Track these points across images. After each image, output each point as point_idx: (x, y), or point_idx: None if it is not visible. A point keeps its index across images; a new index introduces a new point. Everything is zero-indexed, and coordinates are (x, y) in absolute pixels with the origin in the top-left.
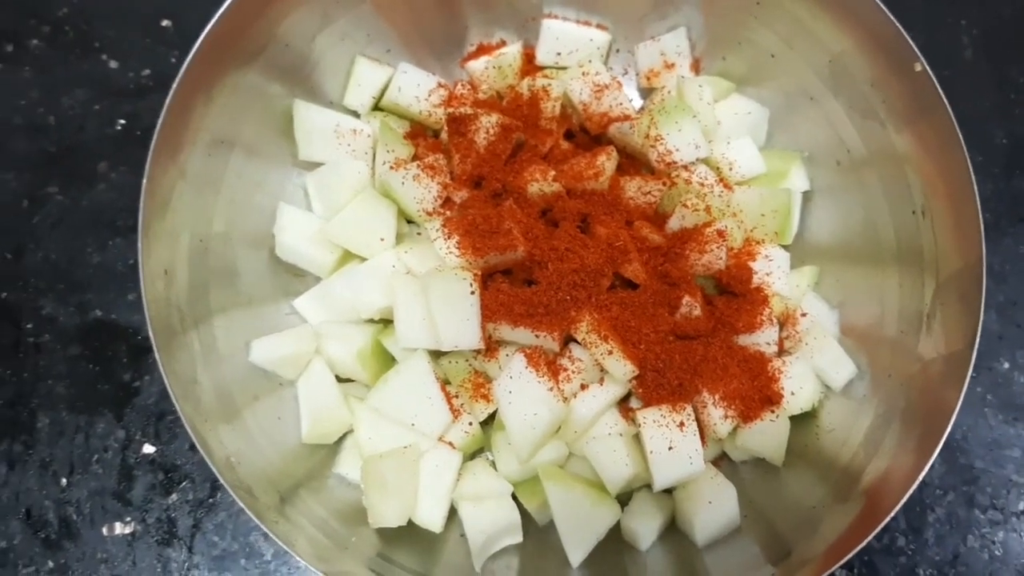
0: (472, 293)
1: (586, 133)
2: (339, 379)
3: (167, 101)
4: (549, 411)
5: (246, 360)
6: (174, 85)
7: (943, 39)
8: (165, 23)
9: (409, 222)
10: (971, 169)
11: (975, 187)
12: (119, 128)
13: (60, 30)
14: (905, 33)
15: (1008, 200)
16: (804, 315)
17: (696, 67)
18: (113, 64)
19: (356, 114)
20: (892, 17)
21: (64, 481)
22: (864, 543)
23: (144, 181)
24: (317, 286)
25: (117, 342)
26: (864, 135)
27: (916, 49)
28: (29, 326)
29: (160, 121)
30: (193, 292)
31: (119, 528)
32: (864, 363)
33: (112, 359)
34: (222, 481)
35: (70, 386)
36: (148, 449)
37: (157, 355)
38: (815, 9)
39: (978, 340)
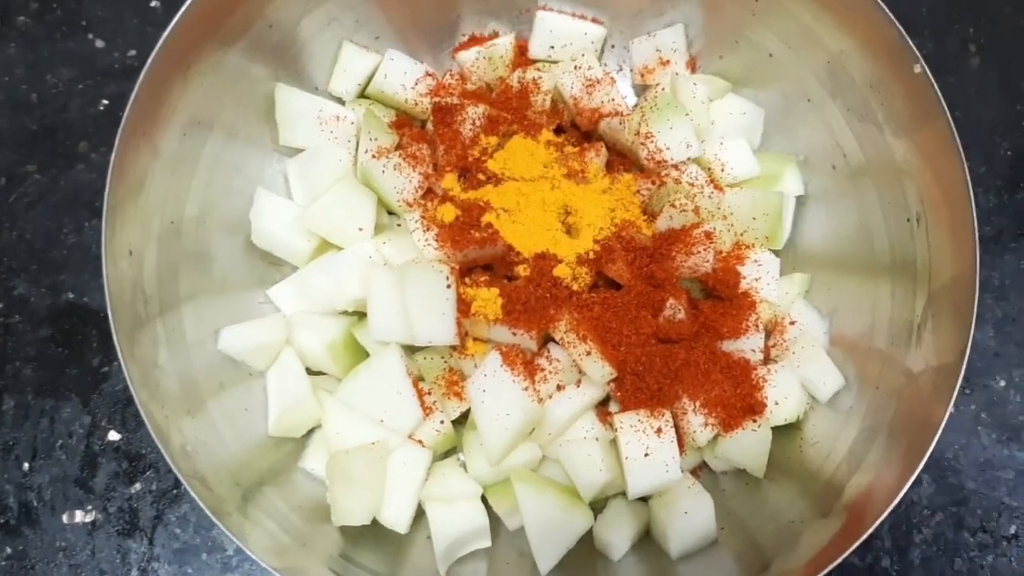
0: (449, 287)
1: (577, 128)
2: (310, 371)
3: (140, 78)
4: (523, 412)
5: (214, 348)
6: (148, 61)
7: (949, 48)
8: (154, 3)
9: (390, 213)
10: (968, 176)
11: (971, 194)
12: (102, 108)
13: (48, 7)
14: (906, 34)
15: (1011, 214)
16: (793, 323)
17: (692, 65)
18: (99, 43)
19: (341, 101)
20: (893, 18)
21: (26, 466)
22: (843, 558)
23: (112, 158)
24: (293, 275)
25: (88, 326)
26: (861, 140)
27: (916, 51)
28: (0, 306)
29: (133, 96)
30: (161, 275)
31: (80, 516)
32: (852, 374)
33: (82, 343)
34: (174, 469)
35: (37, 369)
36: (113, 436)
37: (115, 337)
38: (816, 9)
39: (968, 354)
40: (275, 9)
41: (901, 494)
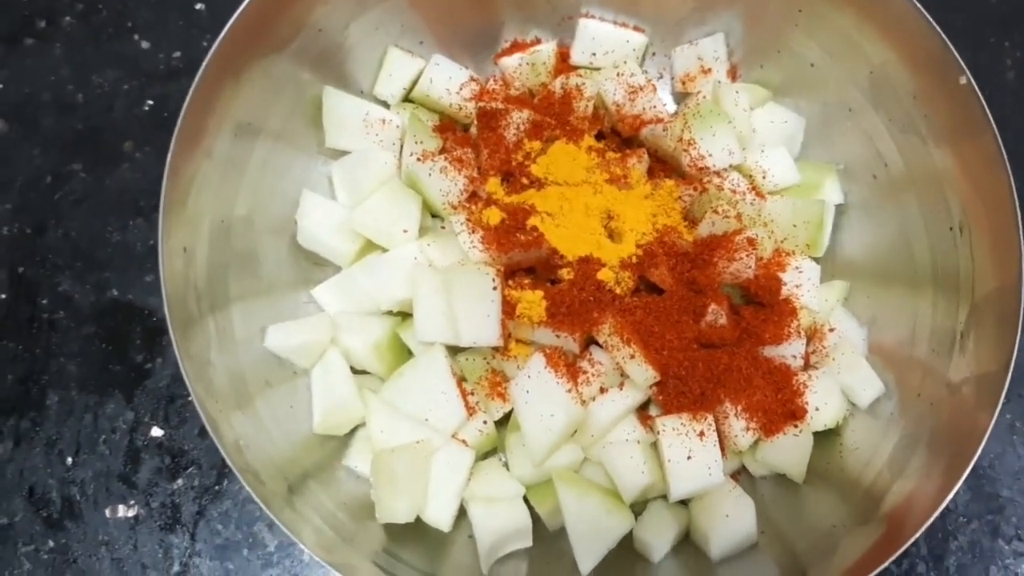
0: (494, 289)
1: (617, 135)
2: (354, 370)
3: (194, 82)
4: (566, 413)
5: (261, 346)
6: (202, 67)
7: (986, 60)
8: (199, 6)
9: (433, 215)
10: (1014, 188)
11: (1017, 206)
12: (147, 109)
13: (94, 8)
14: (950, 45)
15: None
16: (832, 330)
17: (733, 74)
18: (145, 45)
19: (386, 104)
20: (938, 29)
21: (70, 460)
22: (882, 567)
23: (168, 159)
24: (337, 275)
25: (132, 323)
26: (903, 150)
27: (962, 62)
28: (44, 302)
29: (187, 102)
30: (212, 274)
31: (122, 511)
32: (892, 382)
33: (126, 340)
34: (229, 463)
35: (81, 365)
36: (156, 432)
37: (172, 334)
38: (859, 20)
39: (1013, 365)
40: (323, 15)
41: (943, 505)
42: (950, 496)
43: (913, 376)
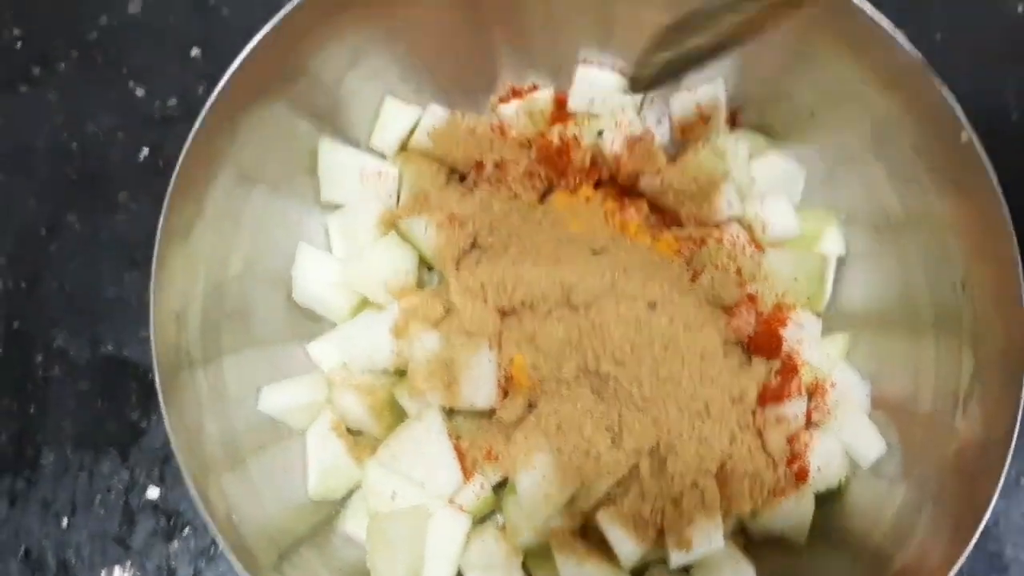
0: (490, 350)
1: (615, 183)
2: (350, 431)
3: (189, 137)
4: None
5: (255, 407)
6: (198, 121)
7: (989, 100)
8: (195, 52)
9: (430, 269)
10: (1016, 248)
11: (1020, 266)
12: (142, 158)
13: (88, 54)
14: (954, 101)
15: None
16: (833, 385)
17: (732, 120)
18: (140, 91)
19: (383, 155)
20: (941, 83)
21: (65, 521)
22: None
23: (160, 223)
24: (332, 331)
25: (127, 379)
26: (905, 202)
27: (964, 118)
28: (39, 358)
29: (181, 158)
30: (205, 336)
31: (118, 573)
32: (895, 440)
33: (121, 397)
34: (220, 543)
35: (77, 423)
36: (152, 493)
37: (163, 408)
38: (862, 70)
39: (1017, 430)
40: (320, 64)
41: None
42: (957, 566)
43: (916, 434)
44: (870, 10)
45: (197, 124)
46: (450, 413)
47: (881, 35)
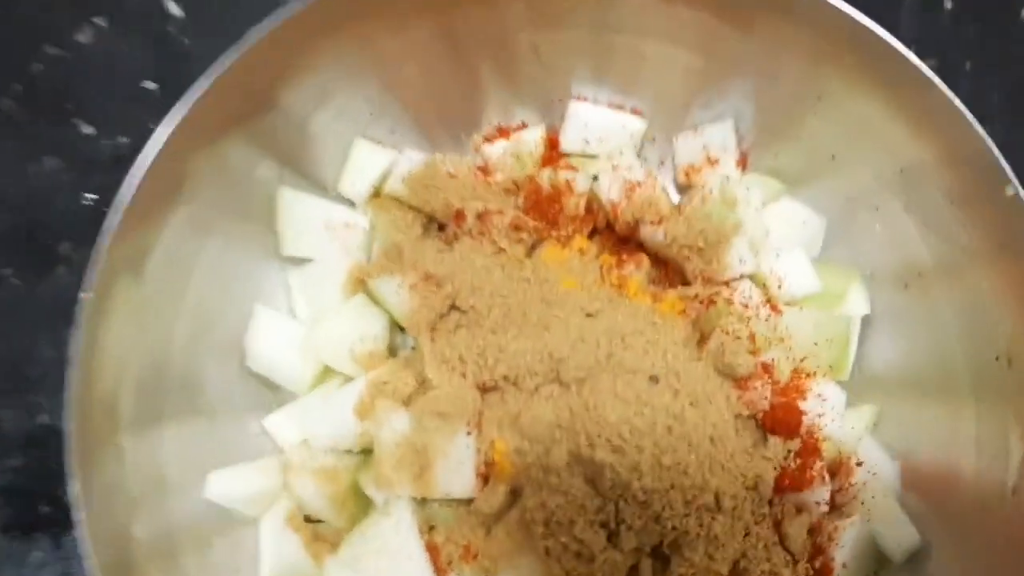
0: (468, 434)
1: (612, 234)
2: (309, 519)
3: (133, 180)
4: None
5: (199, 494)
6: (145, 159)
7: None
8: (151, 86)
9: (403, 330)
10: None
11: None
12: (86, 204)
13: (32, 90)
14: (996, 151)
15: None
16: (860, 464)
17: (743, 163)
18: (87, 129)
19: (351, 203)
20: (980, 127)
21: None
22: None
23: (87, 275)
24: (292, 404)
25: (63, 454)
26: (940, 260)
27: (1008, 169)
28: None
29: (121, 203)
30: (140, 405)
31: None
32: (931, 529)
33: (56, 475)
34: None
35: (5, 505)
36: None
37: (72, 499)
38: (888, 110)
39: None
40: (286, 100)
41: None
42: None
43: (955, 524)
44: (894, 42)
45: (146, 163)
46: (423, 500)
47: (911, 72)
